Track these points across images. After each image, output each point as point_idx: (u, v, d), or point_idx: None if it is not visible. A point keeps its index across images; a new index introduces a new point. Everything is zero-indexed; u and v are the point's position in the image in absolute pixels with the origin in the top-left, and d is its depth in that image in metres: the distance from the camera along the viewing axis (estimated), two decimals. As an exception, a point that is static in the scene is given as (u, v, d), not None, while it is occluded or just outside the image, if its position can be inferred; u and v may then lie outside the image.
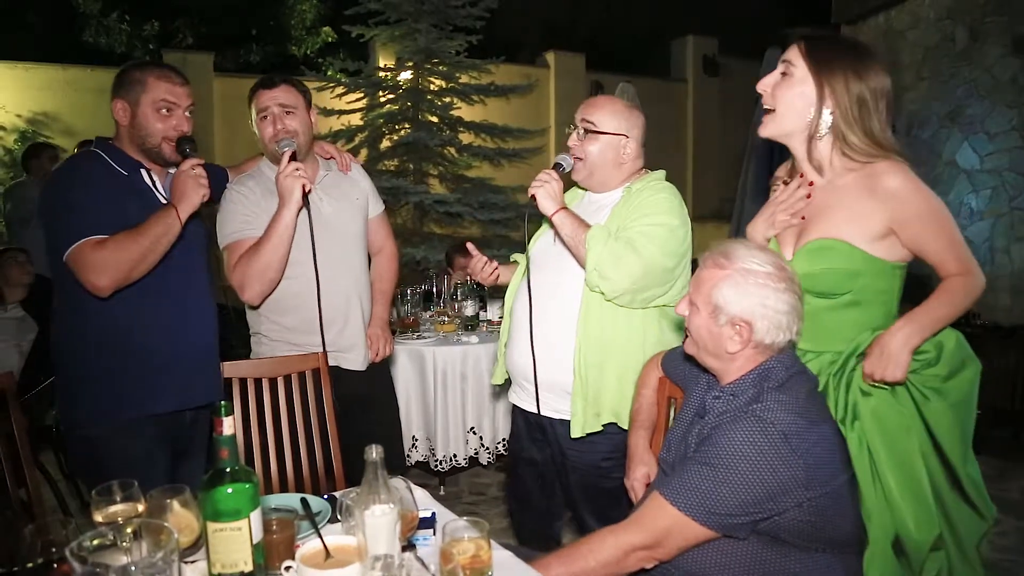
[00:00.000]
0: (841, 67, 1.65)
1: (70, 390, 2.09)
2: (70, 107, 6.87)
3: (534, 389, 2.16)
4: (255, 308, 2.40)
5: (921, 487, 1.60)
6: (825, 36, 1.76)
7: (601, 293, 2.03)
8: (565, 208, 2.07)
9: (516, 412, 2.36)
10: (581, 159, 2.18)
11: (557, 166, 2.15)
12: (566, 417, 2.13)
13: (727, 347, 1.51)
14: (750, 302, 1.47)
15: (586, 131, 2.16)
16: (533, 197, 2.08)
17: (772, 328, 1.48)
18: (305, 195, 2.24)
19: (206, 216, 2.15)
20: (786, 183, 1.83)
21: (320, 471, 2.27)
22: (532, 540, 2.31)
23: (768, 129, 1.76)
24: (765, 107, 1.76)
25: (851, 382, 1.66)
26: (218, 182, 2.43)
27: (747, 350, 1.51)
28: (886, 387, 1.64)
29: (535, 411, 2.19)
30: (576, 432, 2.09)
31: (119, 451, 2.02)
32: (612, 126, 2.16)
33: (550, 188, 2.07)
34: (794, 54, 1.70)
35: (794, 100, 1.70)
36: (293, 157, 2.26)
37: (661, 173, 2.25)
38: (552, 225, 2.10)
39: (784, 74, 1.71)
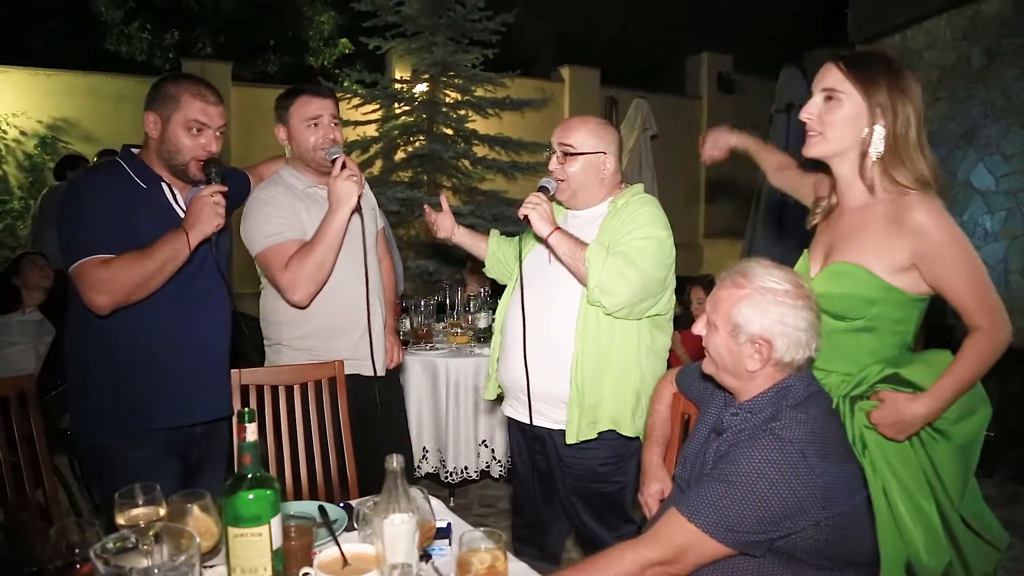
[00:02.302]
0: (886, 84, 1.63)
1: (78, 398, 2.10)
2: (90, 114, 6.94)
3: (527, 401, 2.19)
4: (304, 307, 2.37)
5: (929, 516, 1.59)
6: (863, 55, 1.72)
7: (602, 307, 2.07)
8: (559, 228, 2.11)
9: (512, 425, 2.40)
10: (563, 180, 2.22)
11: (543, 189, 2.18)
12: (564, 427, 2.18)
13: (747, 365, 1.52)
14: (769, 320, 1.49)
15: (565, 153, 2.21)
16: (526, 218, 2.11)
17: (792, 345, 1.49)
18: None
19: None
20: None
21: (335, 479, 2.28)
22: (531, 552, 2.34)
23: (817, 149, 1.73)
24: (812, 132, 1.72)
25: (856, 412, 1.65)
26: (240, 186, 2.45)
27: (767, 368, 1.52)
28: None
29: (530, 423, 2.23)
30: (570, 439, 2.14)
31: (125, 461, 2.01)
32: (590, 145, 2.20)
33: (542, 210, 2.10)
34: (836, 78, 1.67)
35: (845, 121, 1.66)
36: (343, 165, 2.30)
37: (640, 186, 2.30)
38: (547, 245, 2.13)
39: (829, 98, 1.68)
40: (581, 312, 2.13)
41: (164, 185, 2.09)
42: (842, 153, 1.70)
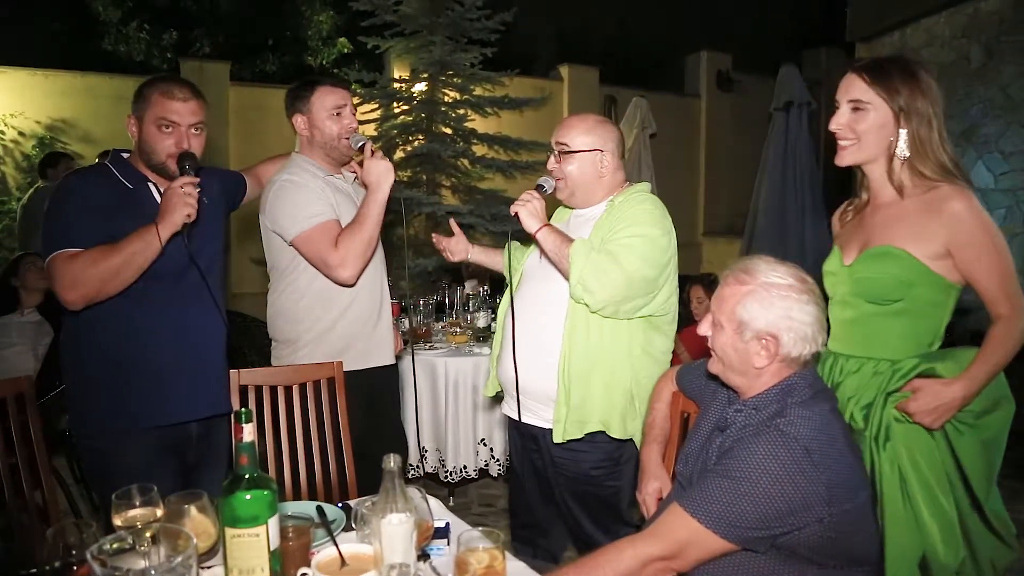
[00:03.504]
0: (906, 88, 1.72)
1: (75, 399, 2.12)
2: (88, 114, 6.93)
3: (516, 399, 2.20)
4: (351, 285, 2.39)
5: (947, 511, 1.64)
6: (879, 62, 1.80)
7: (586, 305, 2.07)
8: (548, 225, 2.12)
9: (510, 424, 2.40)
10: (562, 179, 2.23)
11: (539, 187, 2.20)
12: (543, 423, 2.19)
13: (754, 362, 1.52)
14: (775, 315, 1.48)
15: (561, 152, 2.22)
16: (516, 215, 2.13)
17: (798, 340, 1.49)
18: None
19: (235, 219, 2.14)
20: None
21: (333, 479, 2.28)
22: (529, 553, 2.33)
23: (852, 157, 1.83)
24: (844, 141, 1.82)
25: (887, 404, 1.71)
26: (234, 187, 2.47)
27: (774, 364, 1.52)
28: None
29: (522, 420, 2.24)
30: (557, 438, 2.13)
31: (121, 461, 2.02)
32: (586, 143, 2.20)
33: (532, 206, 2.12)
34: (861, 89, 1.77)
35: (874, 130, 1.77)
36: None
37: (645, 185, 2.27)
38: (536, 242, 2.15)
39: (857, 109, 1.78)
40: (569, 310, 2.13)
41: (151, 185, 2.10)
42: (874, 159, 1.81)
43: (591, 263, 2.01)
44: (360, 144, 2.40)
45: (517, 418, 2.24)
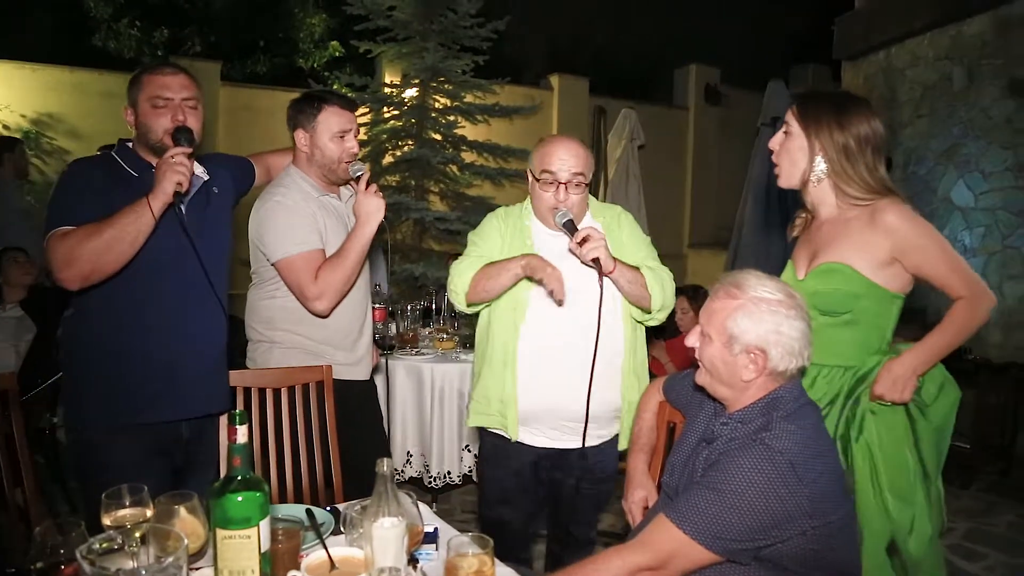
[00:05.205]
0: (826, 121, 1.89)
1: (70, 392, 2.11)
2: (76, 109, 6.86)
3: (583, 426, 2.11)
4: (325, 317, 2.38)
5: (914, 494, 1.80)
6: (814, 95, 2.01)
7: (652, 320, 2.23)
8: (616, 259, 2.08)
9: (522, 451, 2.23)
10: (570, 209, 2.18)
11: (569, 224, 2.09)
12: (599, 441, 2.25)
13: (742, 375, 1.55)
14: (764, 330, 1.51)
15: (581, 184, 2.17)
16: (596, 260, 1.99)
17: (786, 355, 1.52)
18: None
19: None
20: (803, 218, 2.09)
21: (320, 483, 2.28)
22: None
23: (782, 182, 2.02)
24: (775, 164, 2.02)
25: (860, 402, 1.85)
26: (242, 174, 2.47)
27: (761, 378, 1.55)
28: (887, 404, 1.84)
29: (577, 447, 2.16)
30: (624, 444, 2.25)
31: (109, 457, 2.01)
32: (591, 173, 2.27)
33: (607, 245, 2.03)
34: (790, 116, 1.97)
35: (794, 154, 1.95)
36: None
37: (594, 200, 2.42)
38: (607, 276, 2.05)
39: (785, 133, 1.98)
40: (626, 329, 2.22)
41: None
42: (798, 182, 1.98)
43: (660, 283, 2.15)
44: (358, 174, 2.37)
45: (582, 446, 2.14)
